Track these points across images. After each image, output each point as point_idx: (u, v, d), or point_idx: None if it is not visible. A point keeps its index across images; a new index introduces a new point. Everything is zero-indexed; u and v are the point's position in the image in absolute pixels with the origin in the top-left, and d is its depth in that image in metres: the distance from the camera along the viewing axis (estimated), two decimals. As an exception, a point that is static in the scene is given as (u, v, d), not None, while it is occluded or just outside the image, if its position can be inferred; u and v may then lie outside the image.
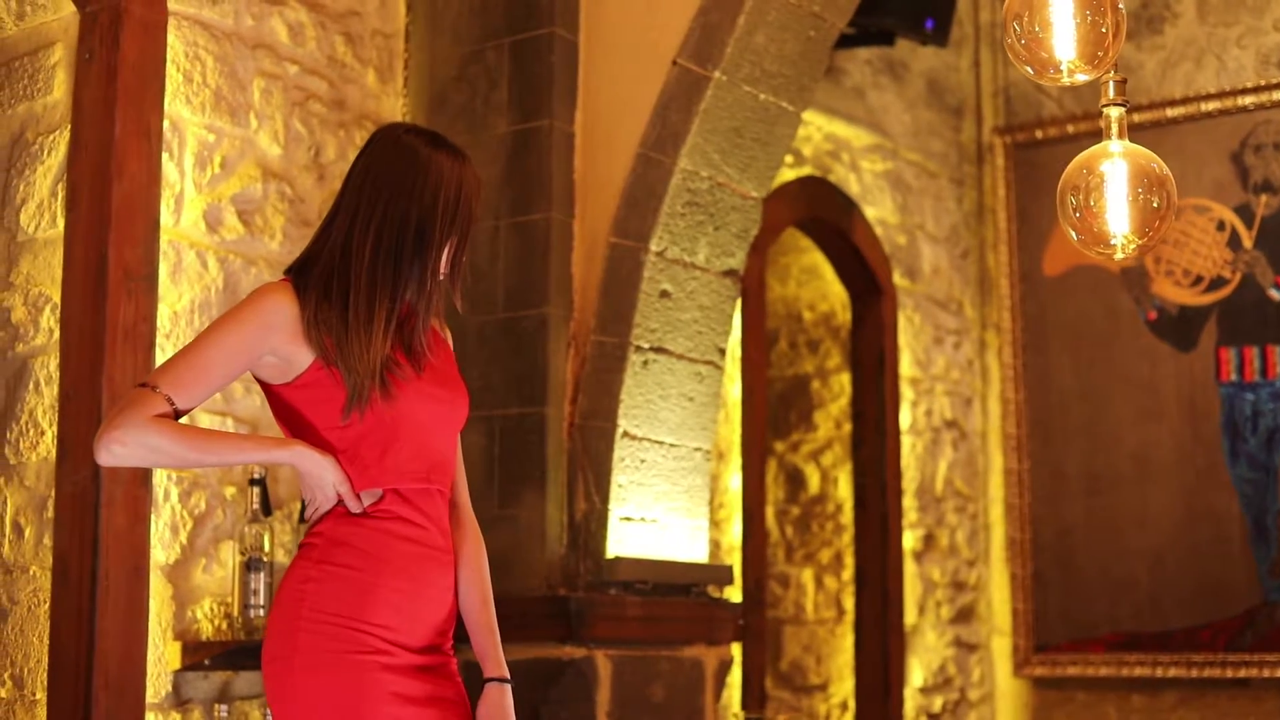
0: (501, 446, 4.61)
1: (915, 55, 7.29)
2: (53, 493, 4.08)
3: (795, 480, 7.15)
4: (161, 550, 4.18)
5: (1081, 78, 3.25)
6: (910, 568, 6.97)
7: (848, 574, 6.95)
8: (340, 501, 2.89)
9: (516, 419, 4.59)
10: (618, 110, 4.67)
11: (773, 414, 7.21)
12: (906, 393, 7.07)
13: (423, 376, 2.97)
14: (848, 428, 7.03)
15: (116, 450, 2.76)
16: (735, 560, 6.08)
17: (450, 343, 3.19)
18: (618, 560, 4.48)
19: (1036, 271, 7.30)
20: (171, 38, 4.31)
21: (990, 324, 7.48)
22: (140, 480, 4.06)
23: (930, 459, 7.17)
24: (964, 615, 7.26)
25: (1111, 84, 3.42)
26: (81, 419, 4.04)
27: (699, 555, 4.79)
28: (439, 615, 2.97)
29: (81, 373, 4.06)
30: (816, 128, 6.75)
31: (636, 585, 4.54)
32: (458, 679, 3.02)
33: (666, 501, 4.69)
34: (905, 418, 7.03)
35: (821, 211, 6.75)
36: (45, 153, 4.28)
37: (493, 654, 3.09)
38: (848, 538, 6.96)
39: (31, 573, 4.13)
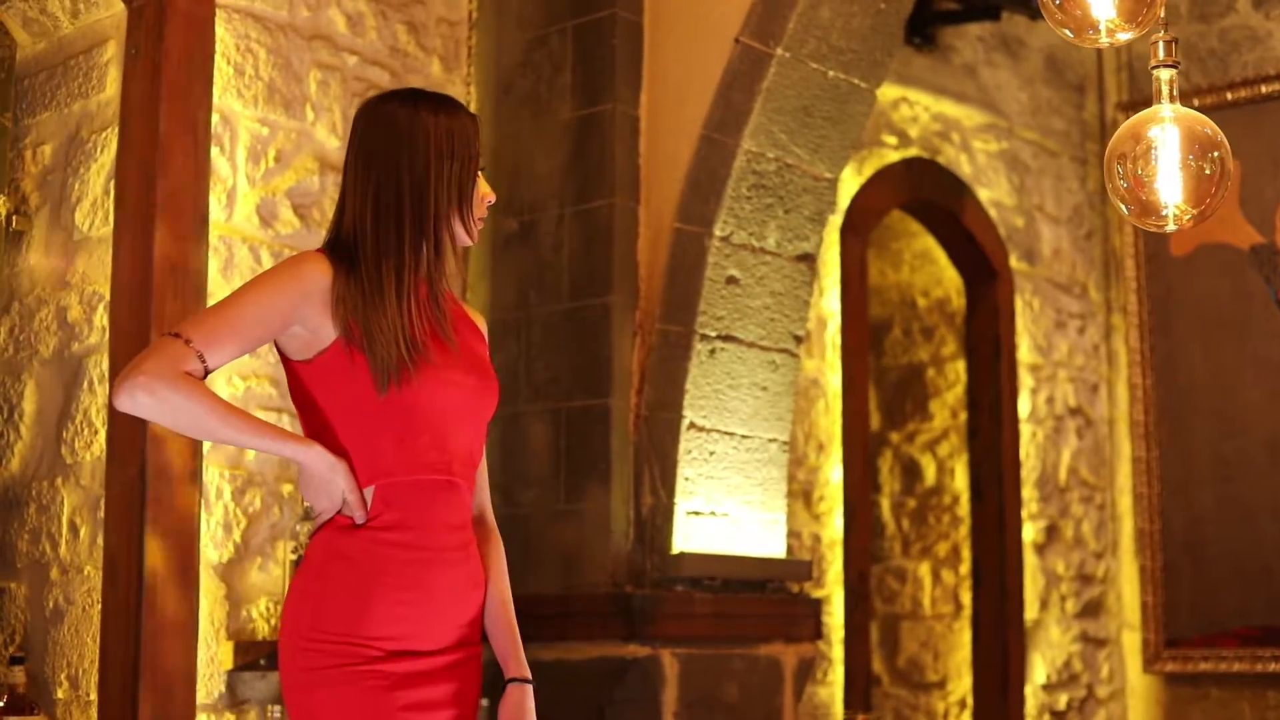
0: (567, 439, 4.50)
1: (1032, 31, 7.03)
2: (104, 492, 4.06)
3: (911, 471, 6.94)
4: (214, 549, 4.14)
5: (1124, 37, 3.05)
6: (1031, 560, 6.73)
7: (965, 568, 6.73)
8: (344, 509, 2.77)
9: (581, 411, 4.48)
10: (682, 91, 4.53)
11: (887, 404, 7.02)
12: (1026, 380, 6.83)
13: (449, 363, 2.84)
14: (964, 417, 6.81)
15: (140, 398, 2.64)
16: (837, 555, 5.91)
17: (484, 330, 3.03)
18: (682, 556, 4.34)
19: (1163, 251, 7.00)
20: (221, 31, 4.26)
21: (1116, 307, 7.20)
22: (189, 479, 4.01)
23: (1052, 448, 6.92)
24: (1091, 609, 7.00)
25: (1161, 44, 3.21)
26: (128, 418, 3.99)
27: (776, 550, 4.64)
28: (461, 611, 2.83)
29: (129, 370, 4.02)
30: (924, 108, 6.54)
31: (705, 581, 4.40)
32: (479, 675, 2.90)
33: (739, 495, 4.54)
34: (1024, 405, 6.79)
35: (930, 194, 6.54)
36: (98, 150, 4.26)
37: (514, 655, 2.96)
38: (965, 530, 6.74)
39: (86, 572, 4.11)
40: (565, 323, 4.55)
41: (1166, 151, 3.15)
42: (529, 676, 2.95)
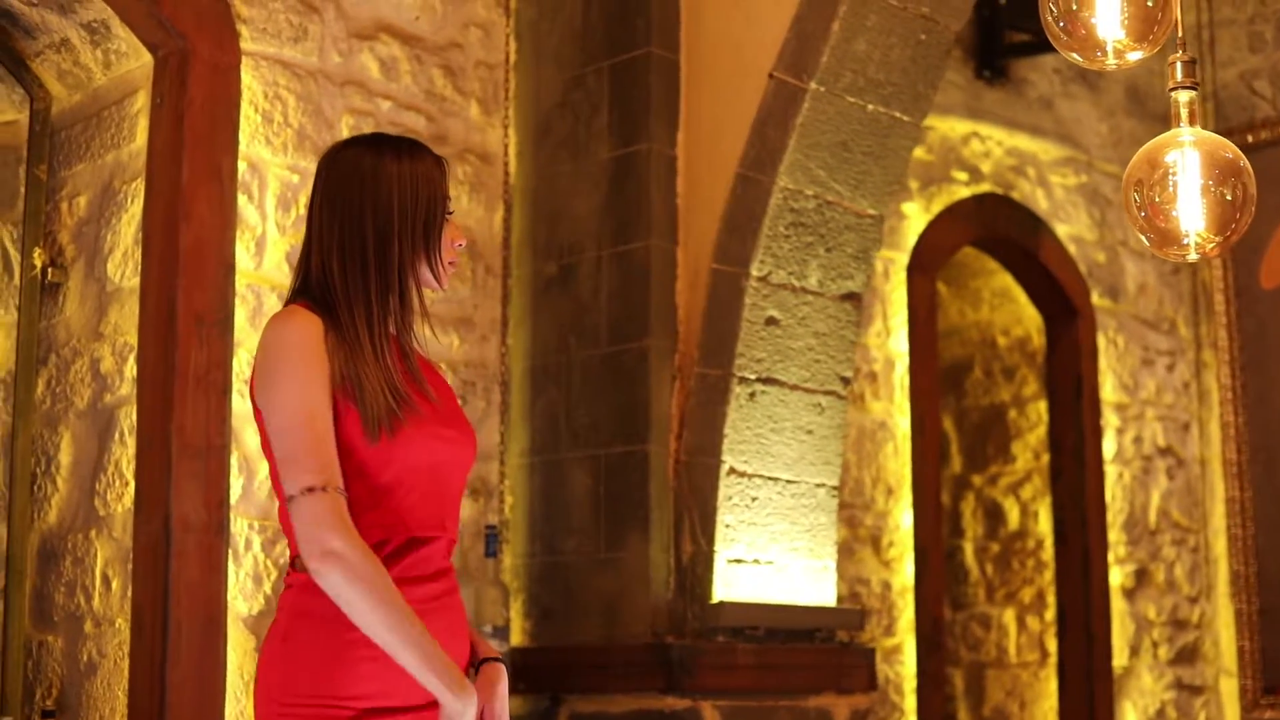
0: (607, 486, 4.41)
1: (1112, 61, 6.85)
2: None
3: (994, 515, 6.76)
4: (244, 601, 4.08)
5: (1134, 57, 2.91)
6: (1120, 606, 6.52)
7: (1051, 614, 6.53)
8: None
9: (620, 457, 4.38)
10: (719, 129, 4.44)
11: (969, 446, 6.86)
12: (1111, 419, 6.63)
13: (434, 416, 2.76)
14: (1046, 458, 6.62)
15: (337, 574, 2.51)
16: (908, 602, 5.75)
17: (447, 380, 2.97)
18: (722, 605, 4.23)
19: (1254, 285, 6.78)
20: (248, 79, 4.24)
21: (1207, 343, 6.97)
22: (215, 530, 3.97)
23: (1141, 489, 6.70)
24: (1186, 655, 6.76)
25: (1179, 65, 3.07)
26: (154, 468, 3.98)
27: (825, 598, 4.50)
28: None
29: (155, 421, 4.00)
30: (996, 142, 6.39)
31: (747, 631, 4.28)
32: None
33: (784, 541, 4.42)
34: (1110, 446, 6.59)
35: (1004, 230, 6.38)
36: (129, 201, 4.24)
37: (480, 642, 2.85)
38: (1050, 575, 6.55)
39: (117, 625, 4.08)
40: (604, 367, 4.47)
41: (1186, 177, 3.00)
42: (500, 656, 2.85)
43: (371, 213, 2.71)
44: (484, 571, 4.39)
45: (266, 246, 4.26)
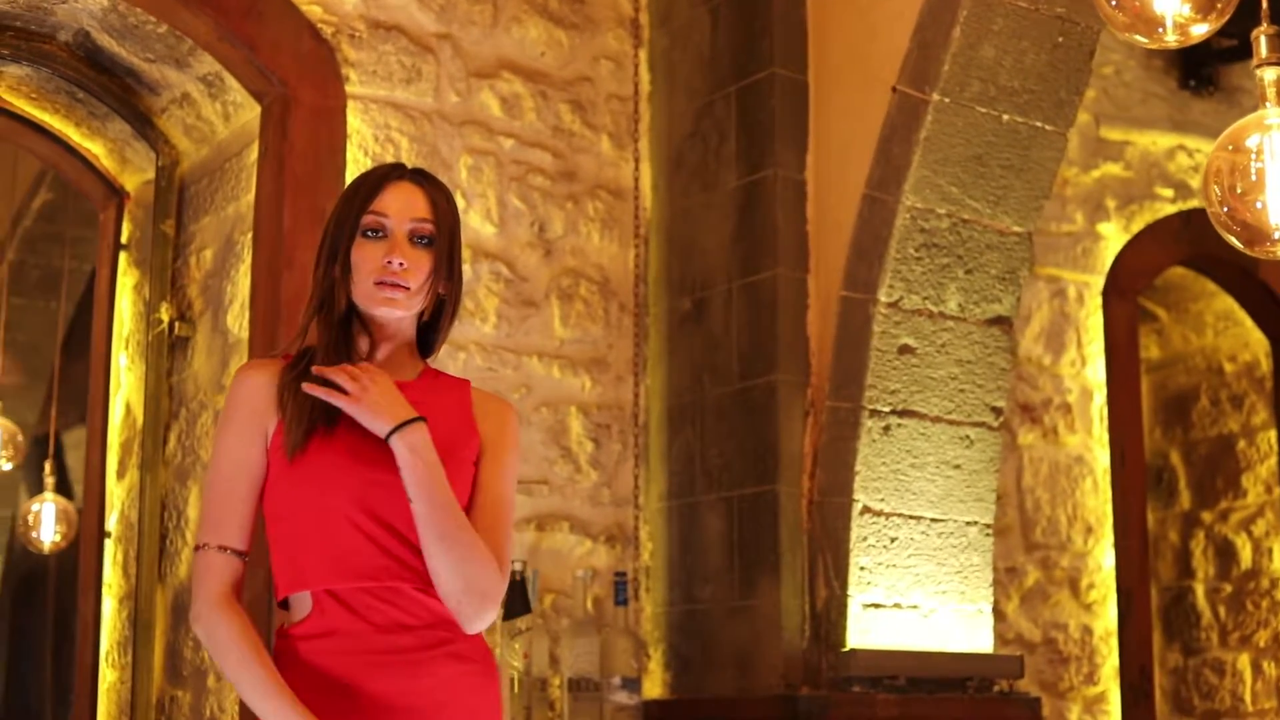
0: (740, 530, 4.19)
1: (1341, 63, 6.37)
2: (243, 598, 3.97)
3: (1226, 554, 6.30)
4: (356, 654, 3.99)
5: (1199, 30, 2.62)
6: (1367, 650, 6.00)
7: (1288, 659, 6.05)
8: None
9: (752, 498, 4.17)
10: (848, 150, 4.21)
11: (1198, 480, 6.41)
12: (1351, 448, 6.13)
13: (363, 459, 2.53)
14: (1279, 492, 6.14)
15: (202, 635, 2.54)
16: (1111, 648, 5.37)
17: (504, 421, 2.71)
18: (854, 653, 3.96)
19: None
20: (358, 122, 4.17)
21: None
22: (321, 581, 3.88)
23: (1389, 523, 6.17)
24: None
25: (1264, 39, 2.76)
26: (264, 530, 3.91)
27: (981, 644, 4.20)
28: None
29: (260, 473, 3.93)
30: (1205, 155, 5.97)
31: (886, 681, 4.00)
32: None
33: (930, 584, 4.13)
34: (1349, 476, 6.09)
35: (1216, 249, 5.91)
36: (245, 251, 4.21)
37: None
38: (1287, 617, 6.07)
39: (234, 681, 4.02)
40: (735, 405, 4.26)
41: (1274, 164, 2.68)
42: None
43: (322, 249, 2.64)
44: (615, 621, 4.21)
45: (379, 291, 4.17)
